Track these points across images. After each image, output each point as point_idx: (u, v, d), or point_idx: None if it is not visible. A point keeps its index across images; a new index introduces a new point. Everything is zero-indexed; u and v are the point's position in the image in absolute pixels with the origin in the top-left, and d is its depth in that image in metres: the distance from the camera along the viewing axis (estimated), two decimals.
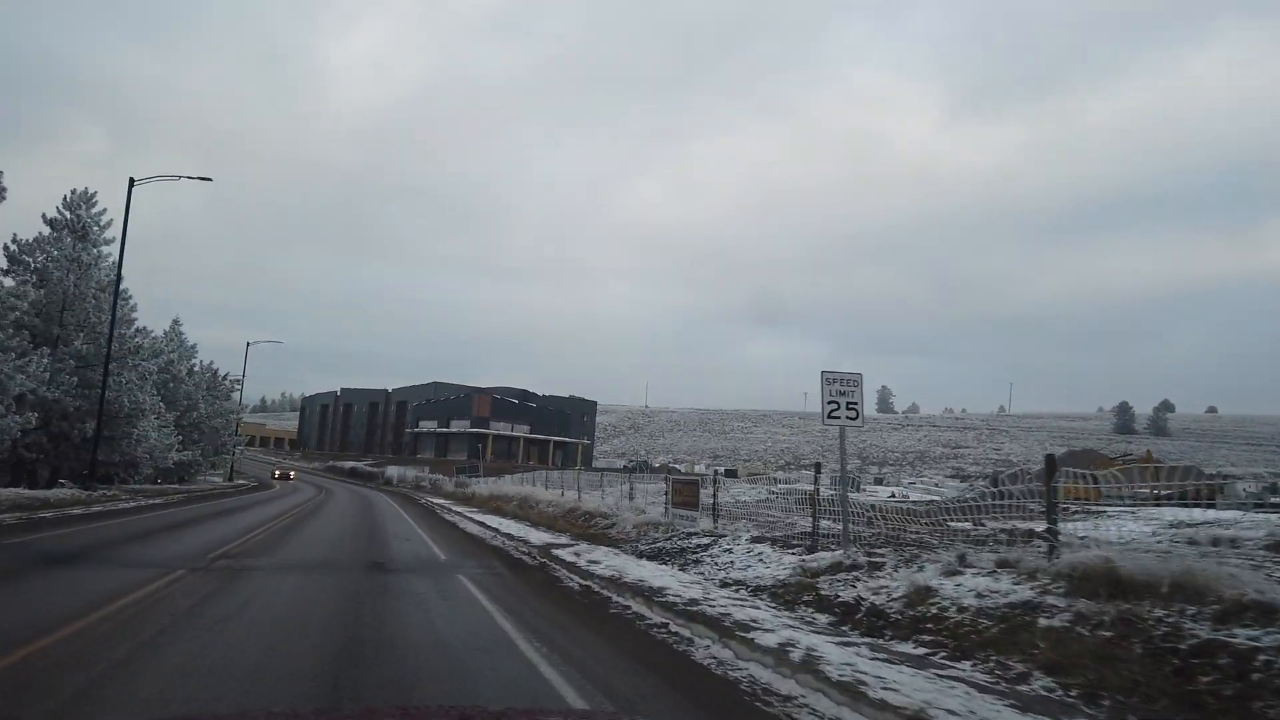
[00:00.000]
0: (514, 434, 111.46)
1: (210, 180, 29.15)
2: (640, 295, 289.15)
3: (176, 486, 41.63)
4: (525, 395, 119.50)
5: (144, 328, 34.63)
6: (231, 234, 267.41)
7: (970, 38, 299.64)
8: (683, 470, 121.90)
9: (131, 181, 28.50)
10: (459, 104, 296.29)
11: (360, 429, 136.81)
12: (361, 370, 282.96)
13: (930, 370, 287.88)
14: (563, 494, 31.22)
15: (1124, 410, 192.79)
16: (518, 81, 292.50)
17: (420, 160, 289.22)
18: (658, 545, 15.70)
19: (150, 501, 27.02)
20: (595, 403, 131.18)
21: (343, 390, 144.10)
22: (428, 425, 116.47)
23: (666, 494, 20.27)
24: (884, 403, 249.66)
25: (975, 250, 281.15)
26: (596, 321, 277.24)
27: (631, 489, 23.42)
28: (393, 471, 77.94)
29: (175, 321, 50.40)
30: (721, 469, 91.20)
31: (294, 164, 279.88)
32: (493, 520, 24.96)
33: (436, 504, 37.72)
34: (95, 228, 31.97)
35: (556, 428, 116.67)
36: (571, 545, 16.47)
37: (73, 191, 33.09)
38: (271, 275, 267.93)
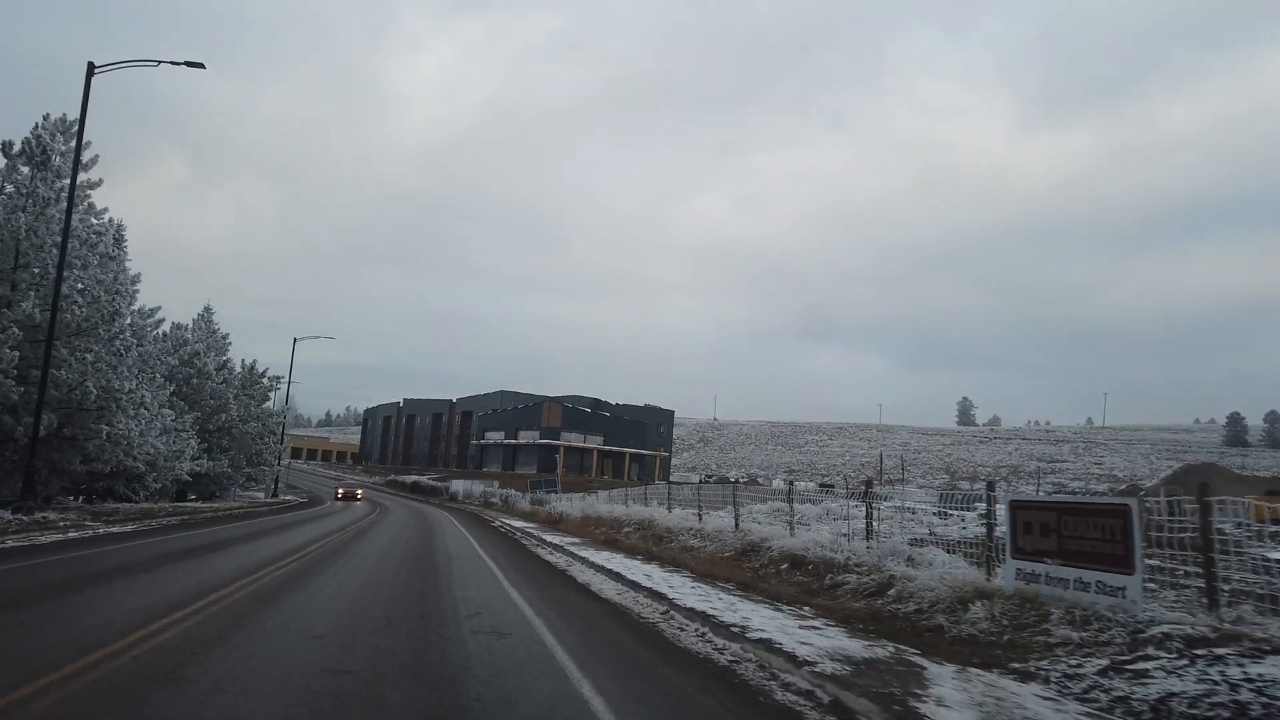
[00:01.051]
0: (586, 445, 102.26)
1: (202, 67, 20.35)
2: (703, 309, 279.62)
3: (192, 505, 33.24)
4: (598, 404, 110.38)
5: (128, 282, 26.09)
6: (304, 256, 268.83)
7: (1041, 44, 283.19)
8: (761, 482, 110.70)
9: (91, 67, 19.95)
10: (524, 124, 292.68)
11: (424, 441, 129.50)
12: (428, 387, 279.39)
13: (1005, 383, 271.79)
14: (700, 518, 21.52)
15: (1235, 421, 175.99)
16: (582, 100, 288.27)
17: (487, 179, 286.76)
18: (1155, 686, 5.79)
19: (109, 530, 18.13)
20: (672, 412, 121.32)
21: (405, 401, 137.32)
22: (494, 436, 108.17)
23: (990, 527, 10.39)
24: (965, 415, 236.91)
25: (1049, 260, 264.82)
26: (660, 335, 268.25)
27: (870, 513, 13.46)
28: (458, 486, 69.39)
29: (207, 309, 42.64)
30: (812, 483, 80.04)
31: (365, 186, 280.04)
32: (622, 563, 15.34)
33: (517, 530, 28.38)
34: (59, 158, 23.53)
35: (632, 439, 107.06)
36: (903, 663, 6.68)
37: (45, 117, 24.91)
38: (342, 295, 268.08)
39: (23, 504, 18.35)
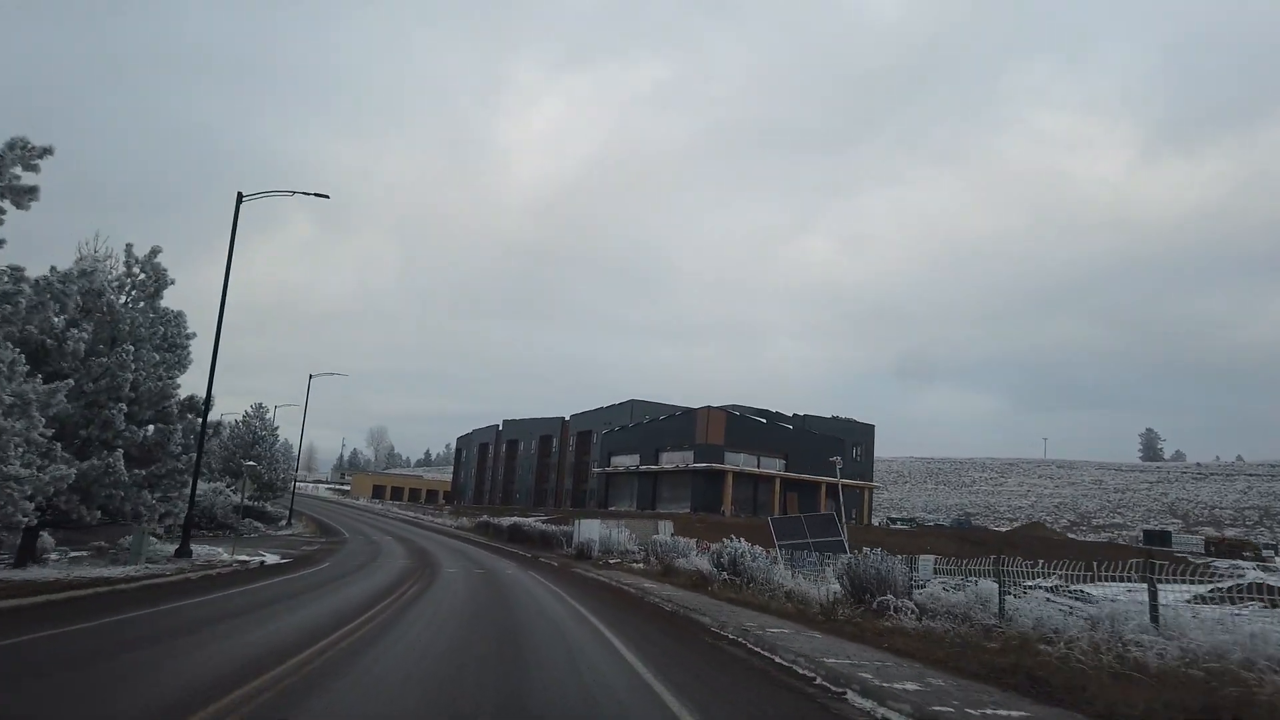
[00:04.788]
0: (762, 471, 69.94)
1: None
2: (811, 350, 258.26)
3: None
4: (772, 416, 77.65)
5: None
6: (420, 308, 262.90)
7: (1165, 70, 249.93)
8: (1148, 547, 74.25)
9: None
10: (631, 172, 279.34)
11: (528, 473, 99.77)
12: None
13: (1152, 418, 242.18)
14: None
15: None
16: (688, 146, 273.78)
17: (595, 228, 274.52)
18: None
19: None
20: (872, 427, 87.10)
21: (505, 423, 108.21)
22: (624, 462, 77.14)
23: None
24: (1149, 449, 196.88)
25: (1181, 293, 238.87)
26: (769, 375, 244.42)
27: None
28: (590, 533, 38.06)
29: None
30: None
31: (477, 238, 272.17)
32: None
33: None
34: None
35: (824, 463, 73.87)
36: None
37: None
38: (454, 344, 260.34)
39: None
